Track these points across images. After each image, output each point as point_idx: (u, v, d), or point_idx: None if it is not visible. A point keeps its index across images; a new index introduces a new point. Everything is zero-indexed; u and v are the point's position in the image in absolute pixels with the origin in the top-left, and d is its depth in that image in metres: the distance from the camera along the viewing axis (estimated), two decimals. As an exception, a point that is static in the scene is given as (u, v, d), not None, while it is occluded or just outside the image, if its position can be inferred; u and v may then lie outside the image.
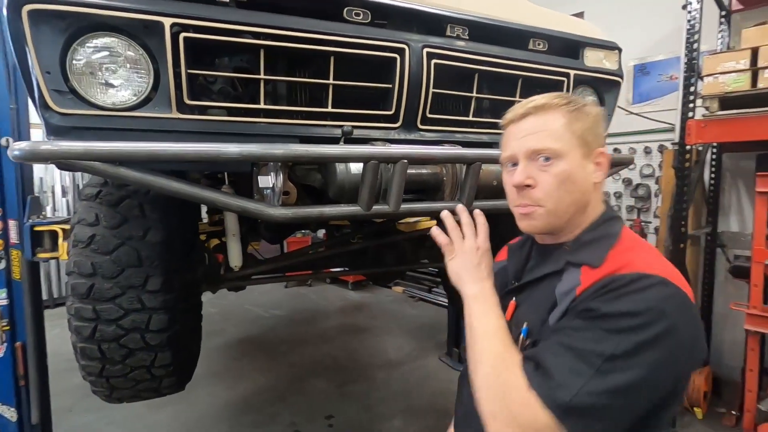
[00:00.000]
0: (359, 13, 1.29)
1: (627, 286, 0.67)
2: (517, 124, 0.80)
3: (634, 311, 0.64)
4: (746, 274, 2.79)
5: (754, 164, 3.13)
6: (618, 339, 0.64)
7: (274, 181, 1.17)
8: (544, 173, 0.77)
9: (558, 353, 0.67)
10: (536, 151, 0.77)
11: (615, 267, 0.72)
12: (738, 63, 2.53)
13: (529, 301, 0.84)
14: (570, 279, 0.76)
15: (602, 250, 0.76)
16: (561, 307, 0.74)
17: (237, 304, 5.92)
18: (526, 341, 0.78)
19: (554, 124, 0.77)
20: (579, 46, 1.67)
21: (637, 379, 0.62)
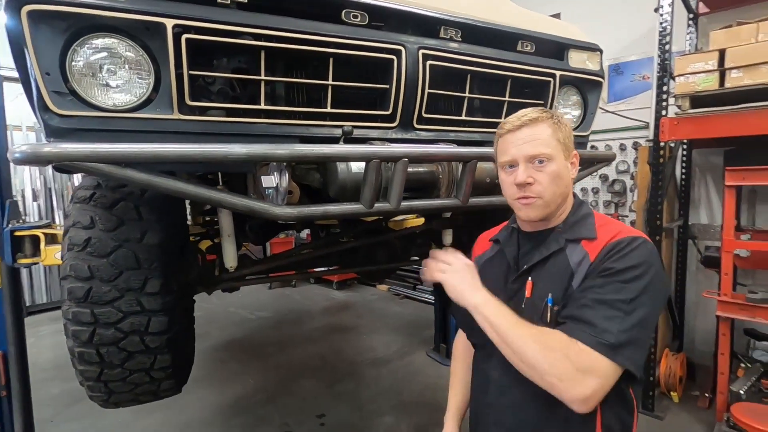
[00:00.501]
0: (357, 15, 1.31)
1: (627, 247, 0.90)
2: (514, 133, 0.98)
3: (636, 264, 0.87)
4: (716, 264, 2.95)
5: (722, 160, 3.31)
6: (631, 286, 0.85)
7: (278, 181, 1.19)
8: (540, 173, 0.96)
9: (593, 307, 0.85)
10: (534, 155, 0.96)
11: (611, 236, 0.94)
12: (707, 64, 2.67)
13: (543, 277, 0.98)
14: (577, 252, 0.95)
15: (590, 226, 0.99)
16: (580, 274, 0.92)
17: (221, 307, 5.84)
18: (554, 308, 0.93)
19: (544, 134, 0.96)
20: (564, 47, 1.74)
21: (649, 311, 0.86)
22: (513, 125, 0.98)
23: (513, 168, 0.99)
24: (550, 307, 0.93)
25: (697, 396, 3.32)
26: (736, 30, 2.64)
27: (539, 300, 0.96)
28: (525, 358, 0.85)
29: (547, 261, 0.99)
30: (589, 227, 0.99)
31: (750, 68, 2.53)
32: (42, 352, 4.48)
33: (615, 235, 0.94)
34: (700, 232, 3.72)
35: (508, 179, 1.00)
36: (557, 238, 1.00)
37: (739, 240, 2.77)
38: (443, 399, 1.29)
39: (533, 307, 0.97)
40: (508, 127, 0.99)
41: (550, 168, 0.96)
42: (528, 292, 0.99)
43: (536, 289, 0.98)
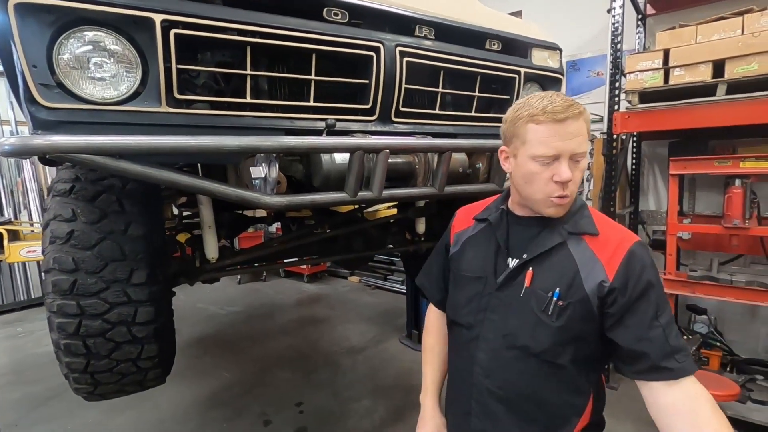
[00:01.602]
0: (338, 13, 1.38)
1: (644, 263, 0.92)
2: (561, 124, 0.89)
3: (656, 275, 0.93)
4: (663, 246, 3.23)
5: (667, 151, 3.61)
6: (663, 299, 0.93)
7: (266, 172, 1.24)
8: (576, 171, 0.92)
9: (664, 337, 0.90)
10: (580, 154, 0.91)
11: (614, 239, 0.95)
12: (653, 62, 2.91)
13: (545, 269, 0.98)
14: (581, 249, 0.96)
15: (589, 220, 0.99)
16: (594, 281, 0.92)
17: (189, 303, 5.73)
18: (559, 302, 0.94)
19: (584, 130, 0.91)
20: (527, 46, 1.88)
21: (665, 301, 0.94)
22: (557, 115, 0.88)
23: (551, 163, 0.91)
24: (555, 301, 0.94)
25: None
26: (679, 32, 2.89)
27: (542, 291, 0.96)
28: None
29: (550, 254, 0.98)
30: (588, 221, 0.98)
31: (690, 67, 2.78)
32: (-3, 358, 4.26)
33: (618, 242, 0.94)
34: (649, 217, 4.03)
35: (544, 174, 0.92)
36: (560, 230, 0.98)
37: (682, 224, 3.05)
38: (417, 382, 1.26)
39: (534, 297, 0.96)
40: (549, 116, 0.88)
41: (583, 165, 0.93)
42: (528, 282, 0.98)
43: (537, 280, 0.97)
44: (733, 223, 2.79)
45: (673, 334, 0.90)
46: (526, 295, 0.98)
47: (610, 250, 0.93)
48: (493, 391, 1.02)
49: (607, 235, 0.96)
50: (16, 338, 4.85)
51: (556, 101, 0.89)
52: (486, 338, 1.03)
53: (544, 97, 0.91)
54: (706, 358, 3.18)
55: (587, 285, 0.92)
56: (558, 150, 0.89)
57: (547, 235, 0.99)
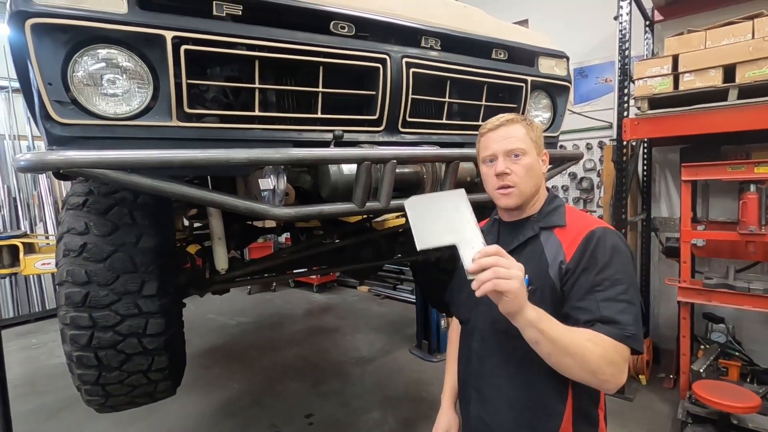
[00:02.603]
0: (344, 27, 1.40)
1: (600, 242, 1.02)
2: (494, 132, 1.12)
3: (612, 255, 1.00)
4: (676, 254, 3.17)
5: (678, 156, 3.57)
6: (620, 277, 0.99)
7: (275, 184, 1.25)
8: (516, 165, 1.09)
9: (607, 307, 0.96)
10: (511, 150, 1.09)
11: (579, 226, 1.07)
12: (662, 68, 2.89)
13: (521, 260, 0.98)
14: (551, 241, 1.08)
15: (562, 215, 1.12)
16: (555, 264, 1.04)
17: (199, 314, 5.77)
18: (529, 287, 1.00)
19: (519, 133, 1.10)
20: (534, 55, 1.88)
21: (635, 287, 1.01)
22: (493, 125, 1.13)
23: (493, 162, 1.12)
24: (526, 287, 1.00)
25: (663, 377, 3.56)
26: (687, 37, 2.87)
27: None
28: (588, 364, 0.91)
29: (524, 247, 1.11)
30: (559, 216, 1.12)
31: (700, 72, 2.75)
32: (12, 367, 4.29)
33: (583, 227, 1.06)
34: (661, 224, 3.97)
35: (489, 171, 1.13)
36: (532, 225, 1.13)
37: (696, 231, 3.00)
38: (428, 393, 1.35)
39: None
40: (489, 127, 1.13)
41: (525, 161, 1.09)
42: None
43: None
44: (749, 230, 2.73)
45: (612, 308, 0.95)
46: None
47: (573, 236, 1.06)
48: (485, 376, 1.13)
49: (575, 226, 1.08)
50: (30, 349, 4.91)
51: (497, 116, 1.13)
52: (479, 328, 1.16)
53: (495, 117, 1.14)
54: (725, 368, 3.09)
55: (551, 269, 1.04)
56: (493, 150, 1.11)
57: (522, 231, 1.14)
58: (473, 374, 1.17)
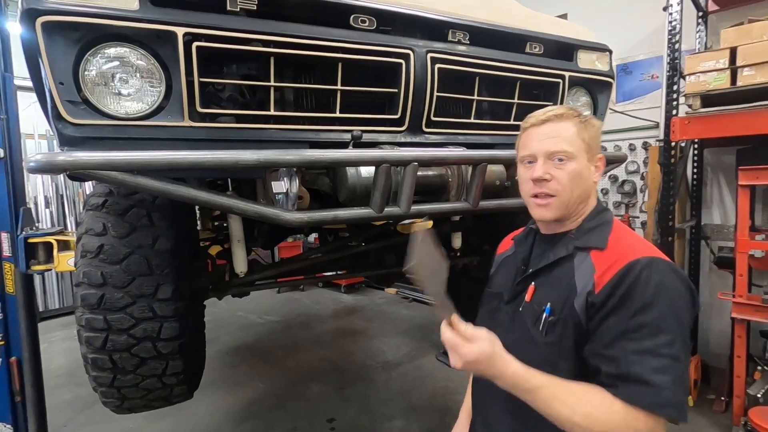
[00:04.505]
0: (365, 20, 1.32)
1: (640, 277, 0.81)
2: (538, 128, 0.95)
3: (655, 295, 0.80)
4: (731, 265, 2.90)
5: (734, 159, 3.26)
6: (664, 324, 0.78)
7: (288, 187, 1.19)
8: (559, 170, 0.92)
9: (638, 361, 0.77)
10: (554, 152, 0.92)
11: (621, 252, 0.87)
12: (718, 62, 2.64)
13: (546, 284, 0.95)
14: (584, 265, 0.90)
15: (603, 235, 0.93)
16: (582, 294, 0.86)
17: (229, 311, 5.86)
18: (549, 318, 0.90)
19: (568, 132, 0.93)
20: (572, 48, 1.73)
21: (685, 338, 0.80)
22: (537, 119, 0.95)
23: (532, 163, 0.96)
24: (546, 317, 0.90)
25: (713, 399, 3.26)
26: (748, 27, 2.61)
27: (537, 306, 0.93)
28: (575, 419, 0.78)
29: (554, 267, 0.95)
30: (601, 235, 0.93)
31: (762, 66, 2.49)
32: (54, 357, 4.53)
33: (624, 254, 0.86)
34: (713, 232, 3.66)
35: (526, 174, 0.97)
36: (567, 243, 0.95)
37: (754, 240, 2.72)
38: (453, 403, 1.28)
39: (530, 312, 0.94)
40: (532, 122, 0.96)
41: (571, 166, 0.91)
42: (528, 297, 0.96)
43: (537, 294, 0.95)
44: (818, 241, 2.45)
45: (646, 363, 0.76)
46: (524, 309, 0.96)
47: (610, 263, 0.87)
48: (490, 404, 1.02)
49: (616, 250, 0.89)
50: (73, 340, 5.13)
51: (545, 109, 0.96)
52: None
53: (543, 109, 0.98)
54: (786, 392, 2.79)
55: (577, 300, 0.87)
56: (532, 150, 0.95)
57: (555, 248, 0.97)
58: (480, 396, 1.09)
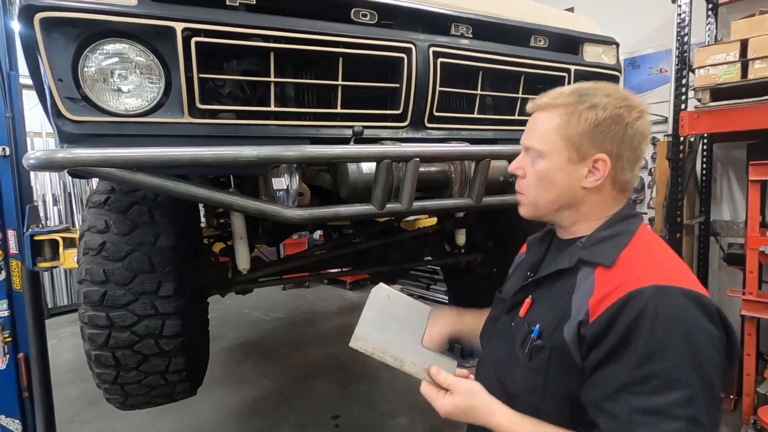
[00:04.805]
0: (366, 14, 1.30)
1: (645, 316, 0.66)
2: (531, 117, 0.87)
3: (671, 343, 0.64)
4: (740, 261, 2.85)
5: (744, 154, 3.20)
6: (682, 376, 0.63)
7: (288, 183, 1.18)
8: (531, 168, 0.84)
9: (647, 424, 0.64)
10: (525, 147, 0.85)
11: (626, 275, 0.72)
12: (728, 55, 2.59)
13: (544, 300, 0.83)
14: (585, 285, 0.76)
15: (615, 250, 0.76)
16: (574, 321, 0.73)
17: (235, 308, 5.88)
18: (536, 341, 0.78)
19: (545, 125, 0.81)
20: (578, 41, 1.70)
21: (711, 394, 0.64)
22: (530, 106, 0.86)
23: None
24: (532, 339, 0.79)
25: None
26: (760, 19, 2.55)
27: (528, 324, 0.82)
28: None
29: (556, 280, 0.82)
30: (612, 250, 0.77)
31: (774, 58, 2.44)
32: (63, 353, 4.58)
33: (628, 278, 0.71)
34: (723, 228, 3.60)
35: None
36: (572, 254, 0.81)
37: (765, 237, 2.68)
38: None
39: (521, 329, 0.83)
40: (529, 106, 0.88)
41: (539, 166, 0.82)
42: (523, 311, 0.85)
43: (532, 310, 0.84)
44: (831, 237, 2.40)
45: (655, 427, 0.63)
46: (516, 325, 0.86)
47: (610, 287, 0.71)
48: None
49: (623, 270, 0.73)
50: (80, 336, 5.20)
51: (544, 94, 0.84)
52: (484, 363, 0.94)
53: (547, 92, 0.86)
54: (797, 392, 2.75)
55: (568, 327, 0.74)
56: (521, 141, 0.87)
57: (558, 257, 0.84)
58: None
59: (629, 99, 0.79)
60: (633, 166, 0.81)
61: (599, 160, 0.78)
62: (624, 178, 0.81)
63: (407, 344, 0.82)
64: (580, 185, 0.80)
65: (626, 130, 0.77)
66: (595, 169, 0.79)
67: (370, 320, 0.83)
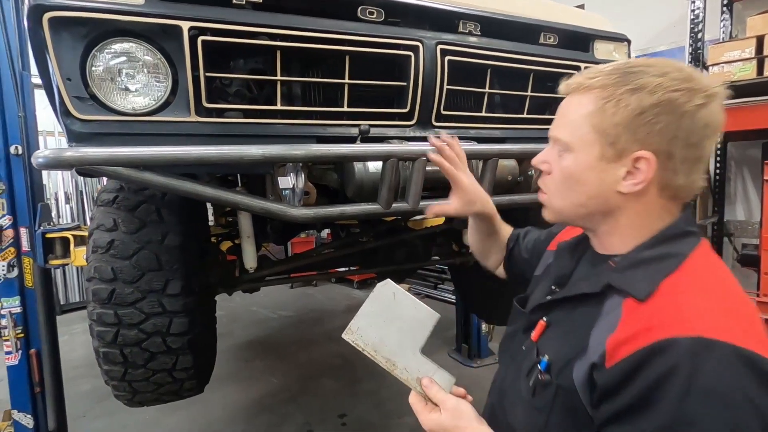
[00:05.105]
0: (373, 12, 1.29)
1: (673, 378, 0.51)
2: (564, 99, 0.71)
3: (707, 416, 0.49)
4: (755, 263, 2.79)
5: (759, 152, 3.14)
6: None
7: (294, 182, 1.18)
8: (557, 163, 0.70)
9: None
10: (552, 137, 0.71)
11: (655, 317, 0.56)
12: (743, 52, 2.54)
13: (561, 325, 0.70)
14: (611, 317, 0.61)
15: (654, 278, 0.60)
16: (587, 361, 0.60)
17: (243, 306, 5.93)
18: (543, 375, 0.66)
19: (576, 112, 0.66)
20: (589, 38, 1.67)
21: None
22: (565, 87, 0.70)
23: None
24: (538, 371, 0.67)
25: None
26: (776, 15, 2.50)
27: (539, 353, 0.70)
28: None
29: (578, 303, 0.67)
30: (651, 277, 0.60)
31: (791, 55, 2.38)
32: (75, 349, 4.65)
33: (661, 323, 0.55)
34: (737, 229, 3.54)
35: None
36: (600, 275, 0.66)
37: (781, 237, 2.62)
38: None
39: (530, 356, 0.71)
40: (561, 89, 0.72)
41: (565, 162, 0.67)
42: (535, 335, 0.73)
43: (545, 336, 0.71)
44: None
45: None
46: (527, 348, 0.74)
47: (637, 327, 0.56)
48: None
49: (657, 307, 0.57)
50: (92, 332, 5.28)
51: (581, 73, 0.69)
52: (494, 384, 0.83)
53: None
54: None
55: (580, 366, 0.60)
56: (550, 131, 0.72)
57: (587, 276, 0.71)
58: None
59: (692, 80, 0.61)
60: (691, 168, 0.63)
61: (641, 158, 0.62)
62: (676, 183, 0.63)
63: (404, 349, 0.78)
64: (614, 189, 0.64)
65: (682, 121, 0.60)
66: (635, 169, 0.62)
67: (369, 315, 0.79)
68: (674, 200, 0.66)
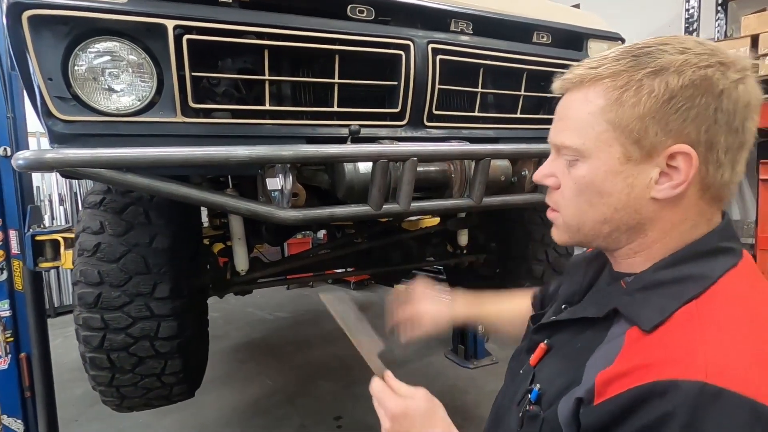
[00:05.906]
0: (363, 10, 1.27)
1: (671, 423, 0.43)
2: (562, 98, 0.59)
3: None
4: (751, 262, 2.79)
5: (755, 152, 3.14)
6: None
7: (283, 183, 1.16)
8: (567, 175, 0.58)
9: None
10: (555, 145, 0.59)
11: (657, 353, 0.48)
12: (738, 51, 2.52)
13: (561, 351, 0.61)
14: (611, 346, 0.52)
15: (666, 305, 0.50)
16: (574, 395, 0.52)
17: (239, 307, 5.89)
18: (532, 405, 0.58)
19: (583, 111, 0.54)
20: (582, 37, 1.66)
21: None
22: (561, 84, 0.58)
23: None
24: (528, 401, 0.60)
25: None
26: (770, 14, 2.49)
27: (533, 379, 0.63)
28: None
29: (586, 327, 0.58)
30: (661, 304, 0.51)
31: (786, 54, 2.38)
32: (69, 352, 4.59)
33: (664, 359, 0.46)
34: (732, 228, 3.54)
35: None
36: (608, 297, 0.58)
37: (776, 237, 2.62)
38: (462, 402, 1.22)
39: (524, 381, 0.64)
40: (555, 87, 0.60)
41: (579, 172, 0.56)
42: (534, 359, 0.65)
43: (543, 362, 0.63)
44: None
45: None
46: (524, 372, 0.66)
47: (636, 362, 0.48)
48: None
49: (665, 340, 0.48)
50: (86, 335, 5.23)
51: (580, 63, 0.57)
52: (496, 398, 0.75)
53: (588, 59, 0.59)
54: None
55: (567, 399, 0.53)
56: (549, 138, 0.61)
57: (596, 297, 0.64)
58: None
59: (719, 53, 0.51)
60: (735, 158, 0.52)
61: (678, 154, 0.50)
62: (721, 179, 0.52)
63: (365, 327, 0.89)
64: (647, 196, 0.53)
65: (721, 102, 0.49)
66: (671, 168, 0.51)
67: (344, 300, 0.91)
68: (716, 203, 0.55)
